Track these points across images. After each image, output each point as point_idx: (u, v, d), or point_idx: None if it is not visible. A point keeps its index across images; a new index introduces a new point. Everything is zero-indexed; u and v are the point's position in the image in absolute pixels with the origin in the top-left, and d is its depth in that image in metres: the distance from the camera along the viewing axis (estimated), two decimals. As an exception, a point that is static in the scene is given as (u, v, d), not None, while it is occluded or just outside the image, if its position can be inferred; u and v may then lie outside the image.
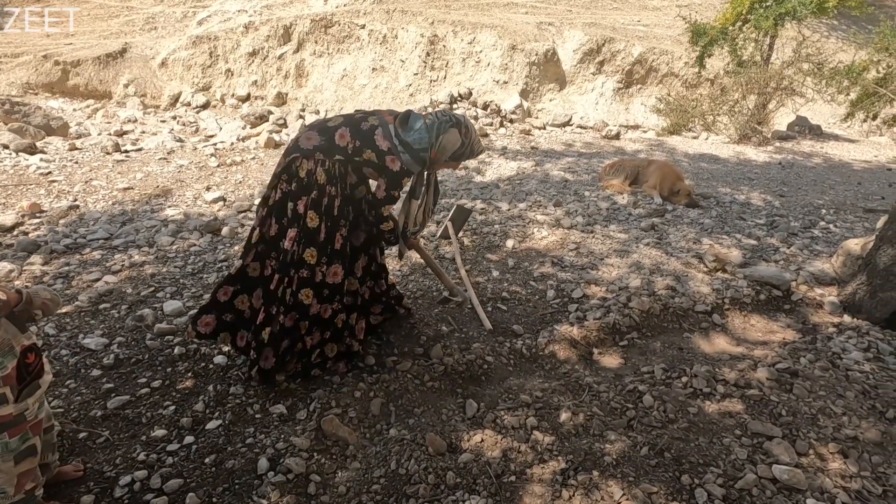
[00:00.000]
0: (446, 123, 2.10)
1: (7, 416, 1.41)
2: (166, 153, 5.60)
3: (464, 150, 2.16)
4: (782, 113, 9.18)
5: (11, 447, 1.43)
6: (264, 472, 1.79)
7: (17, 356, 1.42)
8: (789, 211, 4.62)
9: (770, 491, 1.76)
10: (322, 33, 12.24)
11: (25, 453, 1.46)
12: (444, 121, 2.10)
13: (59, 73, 11.26)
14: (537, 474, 1.79)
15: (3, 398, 1.40)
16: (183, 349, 2.41)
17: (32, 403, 1.48)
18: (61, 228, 3.69)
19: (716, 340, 2.75)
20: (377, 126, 2.06)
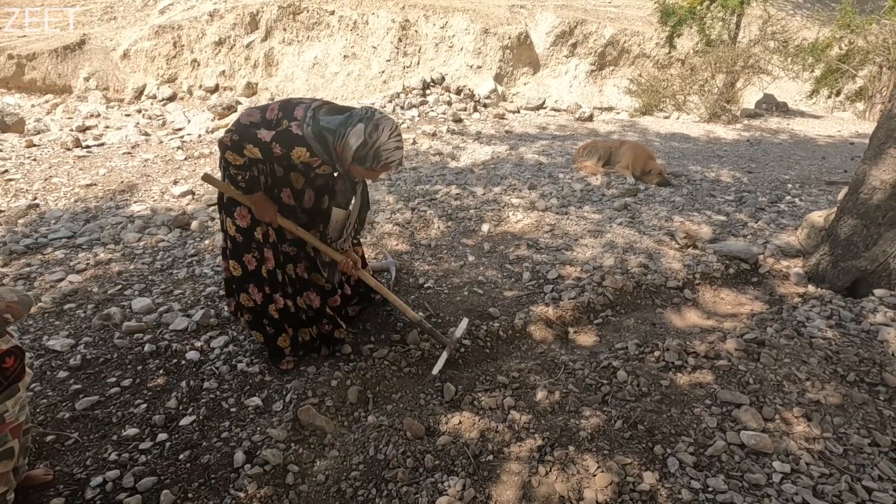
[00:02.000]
0: (358, 117, 1.81)
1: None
2: (130, 147, 5.42)
3: (365, 151, 1.80)
4: (750, 91, 9.35)
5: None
6: (241, 465, 1.78)
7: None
8: (757, 187, 4.73)
9: (738, 456, 1.82)
10: (290, 20, 11.93)
11: (2, 456, 1.43)
12: (360, 115, 1.82)
13: (13, 67, 10.74)
14: (514, 452, 1.82)
15: None
16: (153, 346, 2.35)
17: (12, 406, 1.44)
18: (20, 228, 3.55)
19: (687, 315, 2.82)
20: (306, 104, 1.89)
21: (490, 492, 1.68)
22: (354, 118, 1.81)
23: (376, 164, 1.84)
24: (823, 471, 1.76)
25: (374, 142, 1.79)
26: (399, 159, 1.88)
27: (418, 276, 3.06)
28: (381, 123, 1.81)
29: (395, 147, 1.84)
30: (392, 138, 1.82)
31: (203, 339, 2.42)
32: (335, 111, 1.89)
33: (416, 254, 3.34)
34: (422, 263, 3.21)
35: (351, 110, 1.87)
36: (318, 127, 1.81)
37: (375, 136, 1.79)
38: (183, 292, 2.82)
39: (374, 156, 1.81)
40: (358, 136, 1.78)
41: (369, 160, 1.82)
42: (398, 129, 1.86)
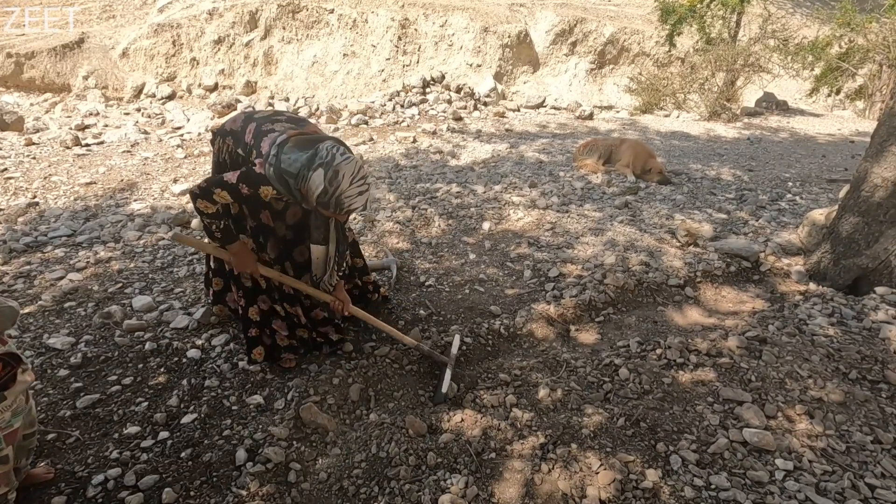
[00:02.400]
0: (319, 160, 1.73)
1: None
2: (130, 146, 5.41)
3: (327, 199, 1.72)
4: (750, 89, 9.35)
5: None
6: (243, 463, 1.77)
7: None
8: (758, 185, 4.73)
9: (741, 453, 1.82)
10: (290, 19, 11.91)
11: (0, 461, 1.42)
12: (322, 158, 1.73)
13: (12, 65, 10.71)
14: (517, 450, 1.82)
15: None
16: (154, 344, 2.35)
17: (3, 412, 1.43)
18: (20, 227, 3.54)
19: (689, 312, 2.81)
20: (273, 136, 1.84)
21: (493, 489, 1.67)
22: (316, 160, 1.73)
23: (339, 211, 1.77)
24: (826, 468, 1.76)
25: (334, 189, 1.71)
26: (363, 204, 1.79)
27: (419, 274, 3.06)
28: (341, 169, 1.70)
29: (358, 193, 1.75)
30: (354, 184, 1.73)
31: (204, 337, 2.41)
32: (301, 145, 1.78)
33: (416, 252, 3.34)
34: (423, 261, 3.21)
35: (316, 146, 1.77)
36: (279, 169, 1.76)
37: (336, 184, 1.70)
38: (183, 290, 2.82)
39: (336, 203, 1.74)
40: (318, 184, 1.71)
41: (332, 207, 1.75)
42: (361, 171, 1.75)
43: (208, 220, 1.90)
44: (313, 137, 1.84)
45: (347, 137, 6.17)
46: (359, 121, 6.67)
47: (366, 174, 1.79)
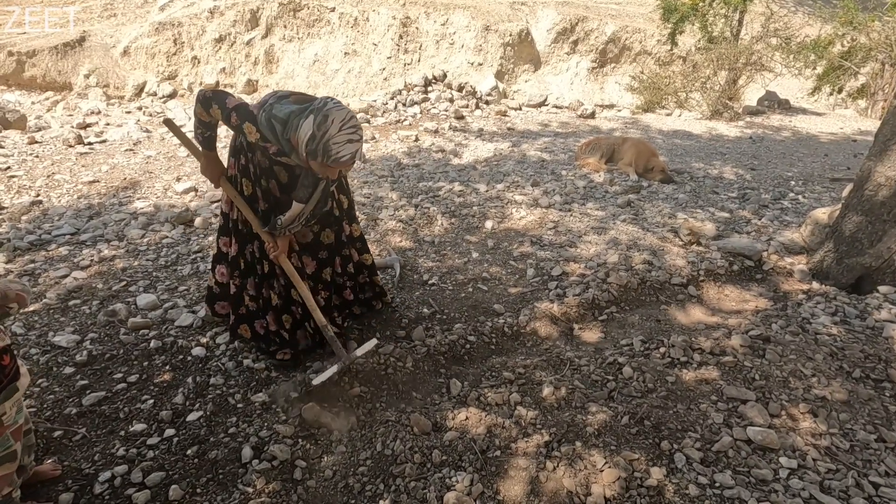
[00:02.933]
0: (311, 109, 1.69)
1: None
2: (132, 144, 5.41)
3: (314, 145, 1.66)
4: (752, 88, 9.34)
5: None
6: (248, 461, 1.78)
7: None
8: (760, 184, 4.73)
9: (745, 452, 1.82)
10: (291, 17, 11.90)
11: (4, 459, 1.43)
12: (314, 106, 1.69)
13: (13, 64, 10.71)
14: (522, 448, 1.82)
15: None
16: (159, 342, 2.35)
17: (10, 408, 1.43)
18: (24, 225, 3.55)
19: (692, 311, 2.82)
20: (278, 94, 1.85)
21: (498, 487, 1.68)
22: (308, 108, 1.69)
23: (326, 159, 1.68)
24: (830, 466, 1.76)
25: (322, 134, 1.64)
26: (351, 154, 1.69)
27: (422, 272, 3.06)
28: (330, 114, 1.64)
29: (347, 140, 1.66)
30: (344, 130, 1.65)
31: (208, 335, 2.42)
32: (298, 101, 1.78)
33: (419, 250, 3.34)
34: (426, 260, 3.22)
35: (313, 101, 1.76)
36: (269, 114, 1.74)
37: (324, 129, 1.64)
38: (188, 289, 2.82)
39: (324, 150, 1.66)
40: (307, 129, 1.65)
41: (319, 154, 1.67)
42: (352, 120, 1.69)
43: (198, 124, 1.95)
44: (311, 97, 1.83)
45: (349, 136, 6.16)
46: (361, 119, 6.68)
47: (358, 125, 1.71)
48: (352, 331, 2.47)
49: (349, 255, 2.39)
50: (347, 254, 2.38)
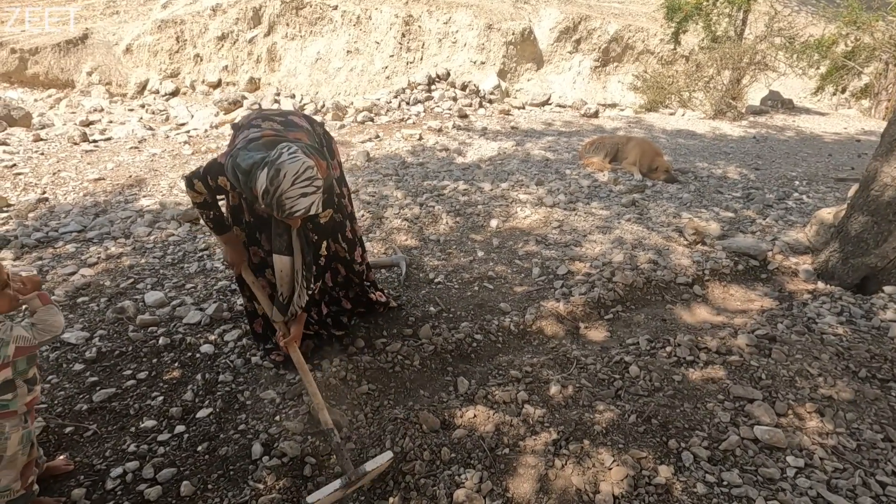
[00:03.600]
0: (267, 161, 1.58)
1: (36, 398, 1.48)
2: (137, 142, 5.42)
3: (269, 199, 1.57)
4: (755, 88, 9.32)
5: (31, 435, 1.47)
6: (258, 457, 1.79)
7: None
8: (764, 183, 4.73)
9: (752, 450, 1.83)
10: (293, 15, 11.89)
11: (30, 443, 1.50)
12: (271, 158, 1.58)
13: (16, 61, 10.71)
14: (530, 446, 1.83)
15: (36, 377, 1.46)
16: (168, 339, 2.37)
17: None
18: (31, 222, 3.56)
19: (697, 311, 2.83)
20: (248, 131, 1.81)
21: (507, 484, 1.69)
22: (266, 159, 1.60)
23: (281, 214, 1.59)
24: (837, 465, 1.77)
25: (275, 189, 1.55)
26: (306, 208, 1.59)
27: (428, 271, 3.07)
28: (283, 168, 1.53)
29: (300, 195, 1.56)
30: (297, 185, 1.55)
31: (217, 332, 2.43)
32: (266, 146, 1.69)
33: (425, 249, 3.35)
34: (431, 258, 3.22)
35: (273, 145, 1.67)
36: (234, 163, 1.68)
37: (276, 184, 1.54)
38: (195, 286, 2.83)
39: (278, 205, 1.57)
40: (262, 183, 1.57)
41: (275, 209, 1.59)
42: (307, 171, 1.56)
43: (198, 209, 1.94)
44: (282, 140, 1.73)
45: (353, 134, 6.18)
46: (364, 118, 6.68)
47: (314, 177, 1.59)
48: (359, 329, 2.47)
49: (336, 269, 2.37)
50: (334, 267, 2.35)
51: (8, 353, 1.34)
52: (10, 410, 1.40)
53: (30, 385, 1.44)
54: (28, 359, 1.41)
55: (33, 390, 1.45)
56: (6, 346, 1.33)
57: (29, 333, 1.36)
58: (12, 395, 1.39)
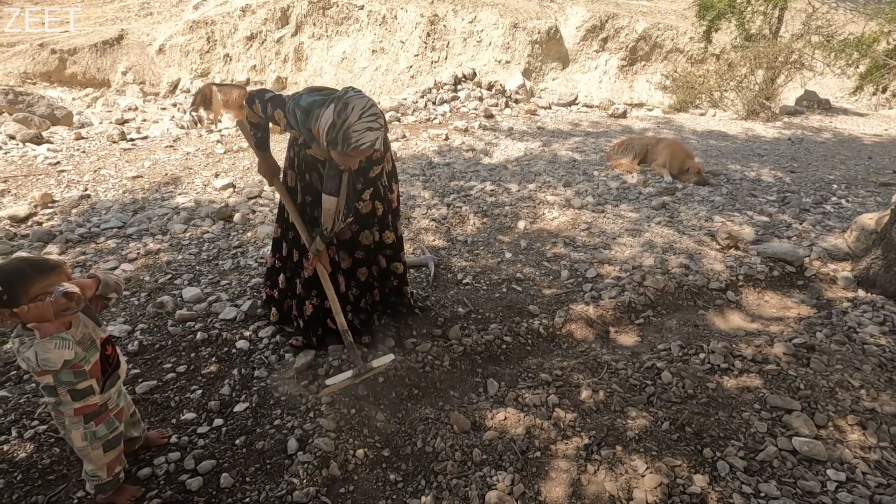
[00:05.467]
0: (333, 98, 1.69)
1: (93, 406, 1.48)
2: (172, 141, 5.58)
3: (335, 133, 1.65)
4: (790, 88, 9.06)
5: (99, 434, 1.51)
6: (294, 452, 1.83)
7: (98, 349, 1.47)
8: (800, 187, 4.60)
9: (791, 462, 1.79)
10: (320, 15, 12.04)
11: (113, 442, 1.55)
12: (337, 96, 1.69)
13: (56, 61, 11.13)
14: (561, 450, 1.83)
15: (91, 390, 1.46)
16: (205, 334, 2.44)
17: (114, 393, 1.56)
18: (74, 218, 3.70)
19: (731, 317, 2.77)
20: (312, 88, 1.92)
21: (539, 488, 1.69)
22: (329, 100, 1.70)
23: (346, 147, 1.66)
24: (881, 481, 1.72)
25: (342, 122, 1.62)
26: (371, 142, 1.68)
27: (456, 271, 3.09)
28: (350, 102, 1.63)
29: (367, 128, 1.65)
30: (364, 118, 1.64)
31: (251, 328, 2.49)
32: (325, 94, 1.80)
33: (452, 249, 3.37)
34: (459, 259, 3.24)
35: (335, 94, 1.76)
36: (295, 104, 1.80)
37: (344, 116, 1.62)
38: (230, 283, 2.91)
39: (344, 138, 1.64)
40: (328, 118, 1.65)
41: (339, 143, 1.65)
42: (372, 108, 1.67)
43: (251, 126, 2.12)
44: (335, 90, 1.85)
45: (380, 134, 6.22)
46: (391, 118, 6.73)
47: (378, 113, 1.68)
48: (389, 329, 2.50)
49: (378, 261, 2.41)
50: (374, 258, 2.39)
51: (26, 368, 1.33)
52: (60, 410, 1.46)
53: (76, 396, 1.44)
54: (76, 373, 1.41)
55: (85, 401, 1.46)
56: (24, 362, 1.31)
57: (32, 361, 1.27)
58: (55, 399, 1.44)
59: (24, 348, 1.27)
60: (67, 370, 1.39)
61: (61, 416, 1.47)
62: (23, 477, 1.71)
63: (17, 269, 1.29)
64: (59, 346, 1.27)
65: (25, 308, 1.23)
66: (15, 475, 1.72)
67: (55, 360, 1.27)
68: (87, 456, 1.52)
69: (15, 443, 1.84)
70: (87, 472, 1.56)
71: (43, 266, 1.31)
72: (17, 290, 1.25)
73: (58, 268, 1.33)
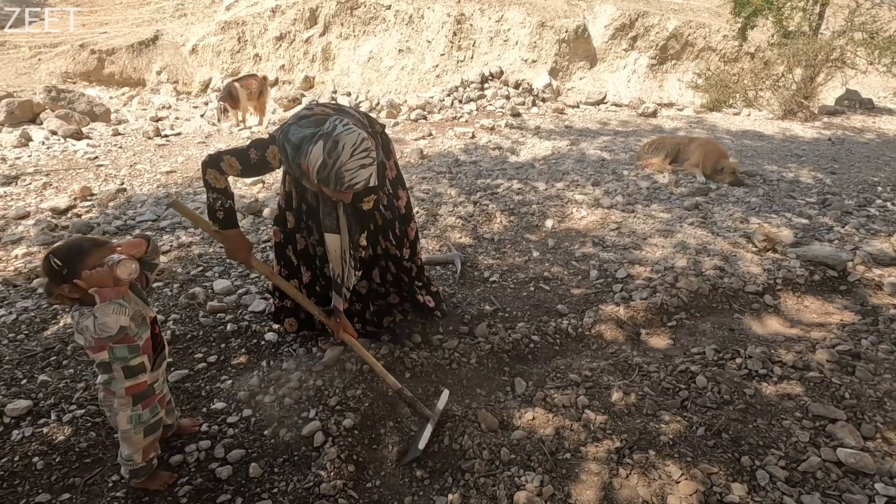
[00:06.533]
0: (321, 134, 1.60)
1: (143, 385, 1.52)
2: (204, 137, 5.71)
3: (326, 173, 1.57)
4: (830, 87, 8.71)
5: (143, 419, 1.54)
6: (321, 445, 1.83)
7: (148, 327, 1.51)
8: (842, 189, 4.41)
9: (835, 474, 1.71)
10: (348, 15, 12.15)
11: (154, 427, 1.59)
12: (324, 131, 1.59)
13: (94, 61, 11.53)
14: (592, 452, 1.78)
15: (143, 367, 1.51)
16: (235, 326, 2.47)
17: (160, 375, 1.60)
18: (111, 210, 3.81)
19: (768, 321, 2.67)
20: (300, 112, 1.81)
21: (569, 490, 1.65)
22: (318, 133, 1.60)
23: (339, 187, 1.60)
24: (935, 497, 1.62)
25: (333, 161, 1.56)
26: (366, 179, 1.62)
27: (483, 269, 3.06)
28: (341, 139, 1.55)
29: (360, 166, 1.58)
30: (356, 156, 1.57)
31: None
32: (315, 123, 1.69)
33: (479, 247, 3.34)
34: (486, 257, 3.21)
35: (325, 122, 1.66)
36: (284, 136, 1.68)
37: (335, 156, 1.55)
38: (258, 276, 2.94)
39: (336, 178, 1.57)
40: (317, 156, 1.57)
41: (332, 182, 1.59)
42: (364, 143, 1.59)
43: (214, 195, 1.81)
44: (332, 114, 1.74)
45: (407, 132, 6.24)
46: (418, 116, 6.74)
47: (370, 148, 1.61)
48: (415, 325, 2.49)
49: (386, 267, 2.36)
50: (384, 265, 2.35)
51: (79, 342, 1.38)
52: (111, 389, 1.49)
53: (128, 373, 1.48)
54: (130, 348, 1.46)
55: (136, 379, 1.50)
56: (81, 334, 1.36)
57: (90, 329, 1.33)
58: (108, 376, 1.48)
59: (83, 319, 1.33)
60: (122, 346, 1.44)
61: (111, 398, 1.50)
62: (61, 459, 1.76)
63: (73, 245, 1.39)
64: (117, 311, 1.33)
65: (87, 273, 1.31)
66: (54, 457, 1.77)
67: (112, 325, 1.33)
68: (129, 439, 1.55)
69: (54, 426, 1.89)
70: (123, 456, 1.59)
71: (95, 241, 1.41)
72: (75, 263, 1.33)
73: (108, 243, 1.42)
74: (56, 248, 1.39)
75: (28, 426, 1.88)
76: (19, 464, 1.73)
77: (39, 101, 6.26)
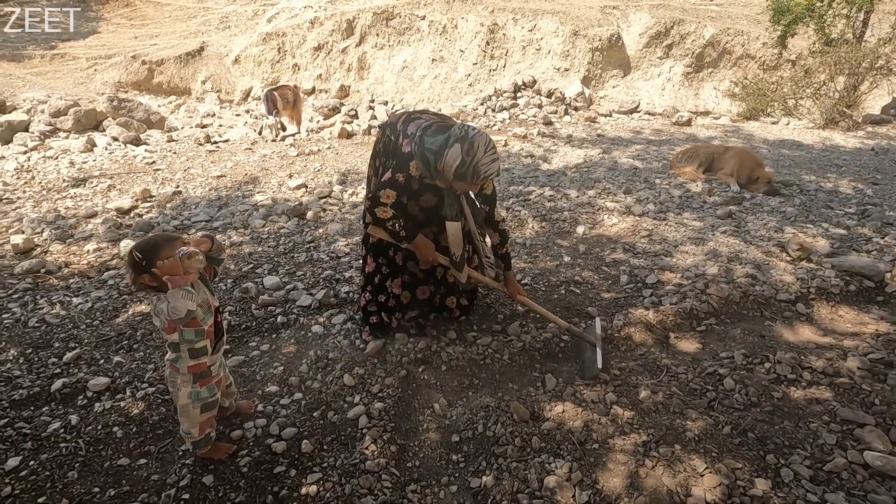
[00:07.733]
0: (455, 138, 1.95)
1: (203, 366, 1.70)
2: (251, 143, 6.04)
3: (465, 169, 1.94)
4: (875, 95, 8.45)
5: (202, 396, 1.73)
6: (364, 427, 1.99)
7: (213, 315, 1.71)
8: (883, 199, 4.33)
9: (861, 476, 1.75)
10: (383, 26, 12.51)
11: (210, 405, 1.76)
12: (456, 135, 1.96)
13: (145, 71, 12.24)
14: (619, 444, 1.88)
15: (205, 350, 1.69)
16: (284, 318, 2.67)
17: (218, 360, 1.79)
18: (169, 211, 4.12)
19: (800, 330, 2.69)
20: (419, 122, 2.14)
21: (597, 477, 1.76)
22: (451, 138, 1.96)
23: (476, 179, 1.97)
24: (963, 501, 1.64)
25: (471, 159, 1.92)
26: (497, 170, 2.01)
27: (515, 272, 3.17)
28: (475, 140, 1.93)
29: (492, 160, 1.97)
30: (488, 153, 1.95)
31: (325, 315, 2.70)
32: (440, 130, 2.05)
33: (511, 252, 3.45)
34: (517, 261, 3.33)
35: (450, 130, 2.02)
36: (421, 148, 2.03)
37: (472, 153, 1.92)
38: (304, 274, 3.15)
39: (474, 171, 1.94)
40: (456, 157, 1.93)
41: (469, 176, 1.95)
42: (492, 142, 1.98)
43: (390, 223, 2.14)
44: (450, 124, 2.14)
45: (440, 140, 6.42)
46: (450, 124, 6.92)
47: (495, 144, 2.00)
48: (452, 322, 2.63)
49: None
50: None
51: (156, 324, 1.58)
52: (177, 366, 1.69)
53: (193, 354, 1.67)
54: (196, 332, 1.65)
55: (198, 360, 1.68)
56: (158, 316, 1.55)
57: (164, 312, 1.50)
58: (176, 354, 1.68)
59: (159, 303, 1.52)
60: (190, 330, 1.63)
61: (175, 374, 1.70)
62: (137, 429, 1.98)
63: (149, 240, 1.60)
64: (185, 297, 1.51)
65: (161, 263, 1.51)
66: (131, 427, 1.99)
67: (181, 309, 1.51)
68: (186, 413, 1.73)
69: (129, 401, 2.12)
70: (183, 430, 1.78)
71: (167, 236, 1.62)
72: (151, 255, 1.54)
73: (179, 238, 1.62)
74: (137, 244, 1.60)
75: (108, 400, 2.12)
76: (102, 431, 1.95)
77: (102, 110, 6.76)
